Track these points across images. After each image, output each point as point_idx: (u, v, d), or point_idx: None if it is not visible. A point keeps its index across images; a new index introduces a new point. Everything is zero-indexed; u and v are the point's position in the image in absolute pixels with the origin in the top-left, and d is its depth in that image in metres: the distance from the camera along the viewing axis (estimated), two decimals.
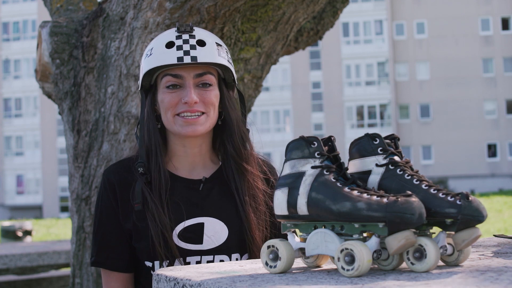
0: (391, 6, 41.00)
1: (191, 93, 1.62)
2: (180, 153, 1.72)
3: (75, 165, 2.89)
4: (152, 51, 1.65)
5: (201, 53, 1.61)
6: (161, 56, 1.62)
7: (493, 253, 1.37)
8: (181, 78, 1.64)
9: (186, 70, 1.63)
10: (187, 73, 1.63)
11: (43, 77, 3.13)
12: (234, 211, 1.70)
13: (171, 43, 1.63)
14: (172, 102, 1.64)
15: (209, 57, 1.62)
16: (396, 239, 1.10)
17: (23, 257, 4.69)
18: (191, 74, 1.64)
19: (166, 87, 1.65)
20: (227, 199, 1.71)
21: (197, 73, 1.64)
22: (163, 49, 1.62)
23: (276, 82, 40.43)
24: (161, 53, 1.62)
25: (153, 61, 1.63)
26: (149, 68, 1.63)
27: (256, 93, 3.30)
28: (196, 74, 1.64)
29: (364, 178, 1.24)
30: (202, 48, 1.62)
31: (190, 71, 1.64)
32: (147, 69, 1.64)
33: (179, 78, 1.64)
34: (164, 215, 1.62)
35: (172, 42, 1.63)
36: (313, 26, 3.83)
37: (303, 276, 1.16)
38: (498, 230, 12.85)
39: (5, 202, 41.62)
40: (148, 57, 1.65)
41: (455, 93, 40.13)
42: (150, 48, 1.67)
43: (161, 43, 1.64)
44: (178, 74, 1.63)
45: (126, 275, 1.72)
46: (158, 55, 1.63)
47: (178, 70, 1.63)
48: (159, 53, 1.63)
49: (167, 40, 1.64)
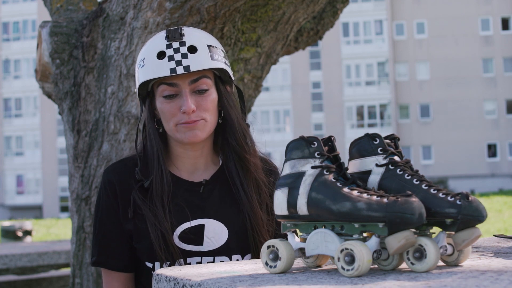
0: (391, 6, 41.00)
1: (188, 102, 1.61)
2: (181, 155, 1.72)
3: (75, 165, 2.89)
4: (144, 61, 1.64)
5: (194, 61, 1.60)
6: (154, 68, 1.61)
7: (493, 253, 1.37)
8: (176, 86, 1.63)
9: (180, 78, 1.62)
10: (182, 81, 1.62)
11: (43, 77, 3.13)
12: (235, 212, 1.70)
13: (162, 53, 1.61)
14: (171, 112, 1.63)
15: (202, 63, 1.61)
16: (396, 239, 1.10)
17: (23, 257, 4.69)
18: (186, 82, 1.62)
19: (163, 96, 1.64)
20: (228, 199, 1.71)
21: (192, 79, 1.63)
22: (155, 60, 1.61)
23: (276, 82, 40.43)
24: (153, 64, 1.61)
25: (147, 73, 1.62)
26: (144, 80, 1.63)
27: (256, 93, 3.30)
28: (191, 80, 1.63)
29: (364, 178, 1.24)
30: (194, 55, 1.60)
31: (185, 78, 1.62)
32: (142, 81, 1.64)
33: (174, 86, 1.63)
34: (165, 217, 1.63)
35: (162, 52, 1.61)
36: (313, 26, 3.83)
37: (303, 276, 1.16)
38: (498, 230, 12.85)
39: (5, 202, 41.61)
40: (141, 68, 1.64)
41: (455, 93, 40.13)
42: (142, 59, 1.65)
43: (152, 53, 1.62)
44: (173, 83, 1.63)
45: (127, 274, 1.72)
46: (150, 67, 1.62)
47: (172, 79, 1.62)
48: (151, 65, 1.62)
49: (158, 50, 1.62)
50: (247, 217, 1.68)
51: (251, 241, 1.68)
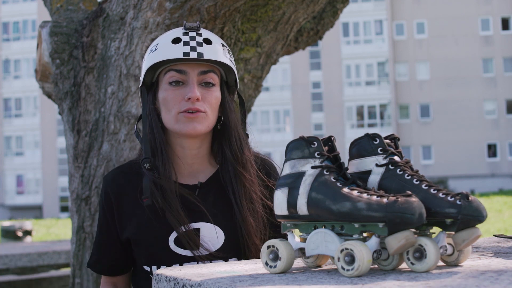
0: (391, 6, 41.00)
1: (195, 89, 1.61)
2: (179, 154, 1.70)
3: (75, 165, 2.89)
4: (157, 46, 1.64)
5: (208, 51, 1.61)
6: (167, 51, 1.61)
7: (493, 253, 1.37)
8: (185, 74, 1.62)
9: (191, 67, 1.63)
10: (191, 70, 1.63)
11: (43, 77, 3.13)
12: (230, 215, 1.68)
13: (178, 39, 1.62)
14: (175, 99, 1.62)
15: (215, 55, 1.62)
16: (396, 239, 1.10)
17: (23, 257, 4.69)
18: (195, 71, 1.63)
19: (169, 83, 1.63)
20: (223, 203, 1.69)
21: (202, 70, 1.63)
22: (169, 44, 1.62)
23: (276, 82, 40.43)
24: (167, 48, 1.61)
25: (159, 55, 1.62)
26: (154, 62, 1.62)
27: (256, 93, 3.30)
28: (200, 71, 1.63)
29: (364, 178, 1.24)
30: (209, 46, 1.62)
31: (195, 68, 1.63)
32: (152, 63, 1.62)
33: (183, 74, 1.62)
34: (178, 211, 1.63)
35: (179, 38, 1.62)
36: (313, 26, 3.83)
37: (303, 276, 1.16)
38: (498, 230, 12.85)
39: (5, 202, 41.62)
40: (152, 52, 1.64)
41: (455, 93, 40.13)
42: (155, 44, 1.66)
43: (168, 39, 1.64)
44: (183, 70, 1.62)
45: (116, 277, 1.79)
46: (163, 50, 1.62)
47: (183, 66, 1.62)
48: (165, 48, 1.62)
49: (174, 36, 1.63)
50: (238, 224, 1.67)
51: (242, 247, 1.67)
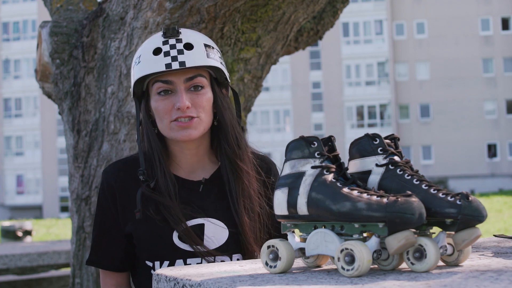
0: (391, 6, 41.00)
1: (183, 98, 1.60)
2: (179, 155, 1.71)
3: (75, 165, 2.89)
4: (140, 58, 1.64)
5: (189, 57, 1.60)
6: (149, 64, 1.61)
7: (493, 253, 1.37)
8: (171, 84, 1.62)
9: (176, 75, 1.62)
10: (177, 78, 1.62)
11: (43, 77, 3.13)
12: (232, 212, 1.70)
13: (158, 49, 1.61)
14: (166, 109, 1.63)
15: (198, 60, 1.61)
16: (396, 239, 1.10)
17: (23, 257, 4.69)
18: (181, 79, 1.62)
19: (157, 93, 1.64)
20: (227, 199, 1.71)
21: (187, 77, 1.63)
22: (151, 56, 1.61)
23: (276, 82, 40.42)
24: (149, 60, 1.61)
25: (143, 69, 1.62)
26: (139, 76, 1.63)
27: (256, 93, 3.30)
28: (186, 78, 1.63)
29: (364, 178, 1.24)
30: (190, 51, 1.61)
31: (180, 75, 1.62)
32: (137, 77, 1.64)
33: (169, 84, 1.62)
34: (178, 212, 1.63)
35: (159, 48, 1.61)
36: (313, 26, 3.83)
37: (303, 276, 1.16)
38: (498, 230, 12.85)
39: (5, 202, 41.61)
40: (137, 65, 1.65)
41: (455, 93, 40.13)
42: (138, 56, 1.66)
43: (148, 50, 1.63)
44: (168, 80, 1.62)
45: (120, 274, 1.75)
46: (146, 63, 1.62)
47: (168, 76, 1.62)
48: (147, 61, 1.62)
49: (154, 47, 1.62)
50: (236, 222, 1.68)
51: (242, 244, 1.68)
